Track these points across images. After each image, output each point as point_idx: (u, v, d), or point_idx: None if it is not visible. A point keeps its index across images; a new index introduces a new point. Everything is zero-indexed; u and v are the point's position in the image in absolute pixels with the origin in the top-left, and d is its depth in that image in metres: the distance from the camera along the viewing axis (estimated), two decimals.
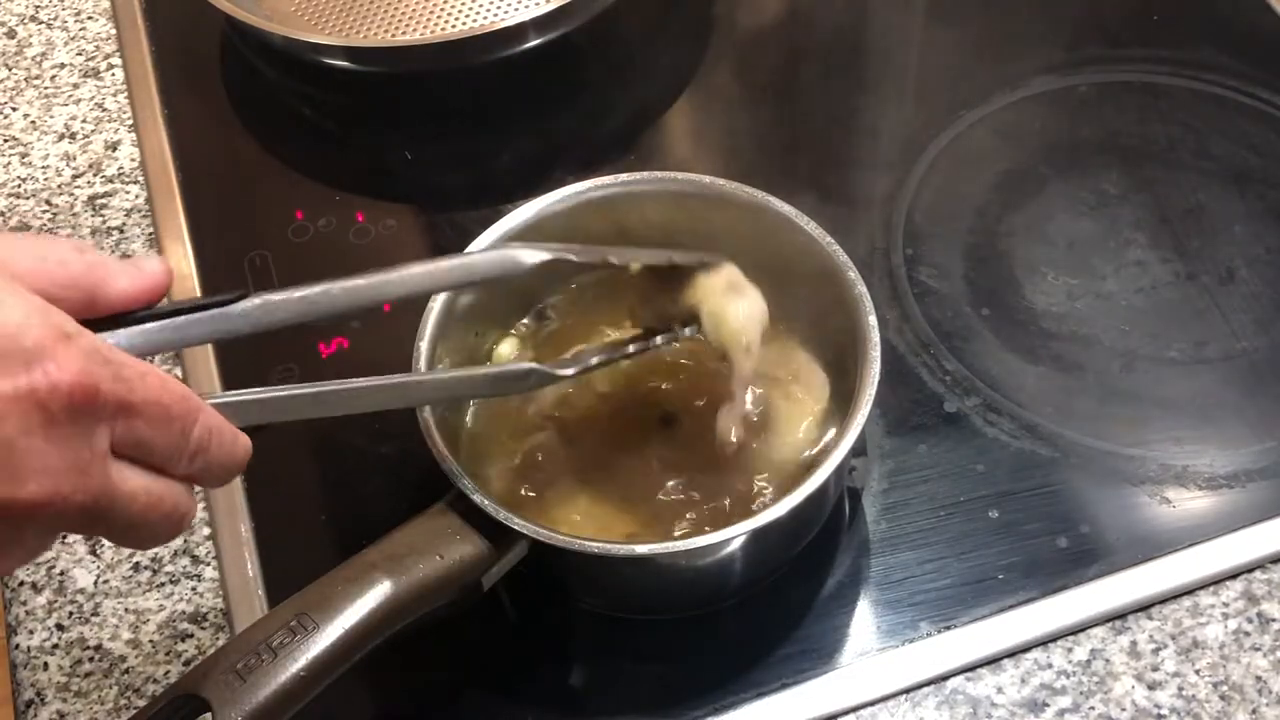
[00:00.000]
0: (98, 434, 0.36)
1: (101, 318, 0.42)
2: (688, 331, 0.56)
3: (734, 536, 0.50)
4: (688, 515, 0.55)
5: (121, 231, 0.75)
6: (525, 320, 0.62)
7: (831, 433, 0.57)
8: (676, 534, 0.55)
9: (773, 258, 0.59)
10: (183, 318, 0.44)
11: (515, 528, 0.49)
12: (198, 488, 0.42)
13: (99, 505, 0.37)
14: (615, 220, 0.61)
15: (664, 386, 0.60)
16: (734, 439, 0.56)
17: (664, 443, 0.58)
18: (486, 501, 0.50)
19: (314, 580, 0.47)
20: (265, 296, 0.45)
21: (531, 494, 0.56)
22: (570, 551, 0.50)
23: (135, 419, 0.37)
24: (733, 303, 0.55)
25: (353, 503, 0.62)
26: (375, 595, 0.46)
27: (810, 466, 0.54)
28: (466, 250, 0.54)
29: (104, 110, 0.82)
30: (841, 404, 0.57)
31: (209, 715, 0.43)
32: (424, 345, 0.55)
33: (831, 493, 0.57)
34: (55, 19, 0.88)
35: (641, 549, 0.50)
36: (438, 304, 0.56)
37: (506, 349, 0.61)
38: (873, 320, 0.54)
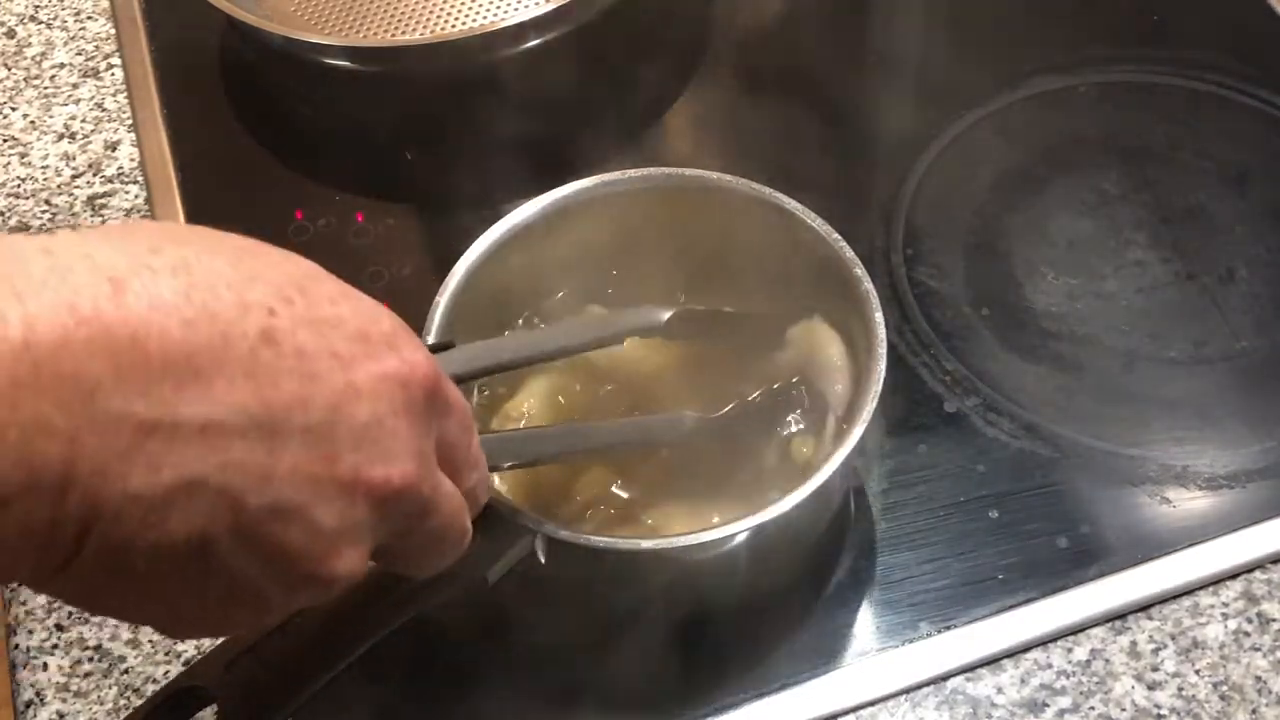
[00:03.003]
0: (433, 427, 0.37)
1: None
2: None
3: (738, 532, 0.50)
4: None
5: None
6: (519, 324, 0.62)
7: None
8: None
9: (777, 254, 0.59)
10: None
11: (520, 522, 0.49)
12: None
13: (433, 500, 0.37)
14: (618, 218, 0.61)
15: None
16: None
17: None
18: (492, 495, 0.50)
19: None
20: (466, 346, 0.51)
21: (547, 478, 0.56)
22: (575, 546, 0.50)
23: (452, 419, 0.38)
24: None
25: None
26: (377, 589, 0.46)
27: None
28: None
29: (103, 110, 0.82)
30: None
31: (211, 709, 0.43)
32: (429, 340, 0.55)
33: (837, 491, 0.57)
34: (55, 19, 0.88)
35: (647, 544, 0.50)
36: (440, 307, 0.56)
37: None
38: (879, 317, 0.54)
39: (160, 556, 0.31)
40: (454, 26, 0.82)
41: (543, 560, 0.52)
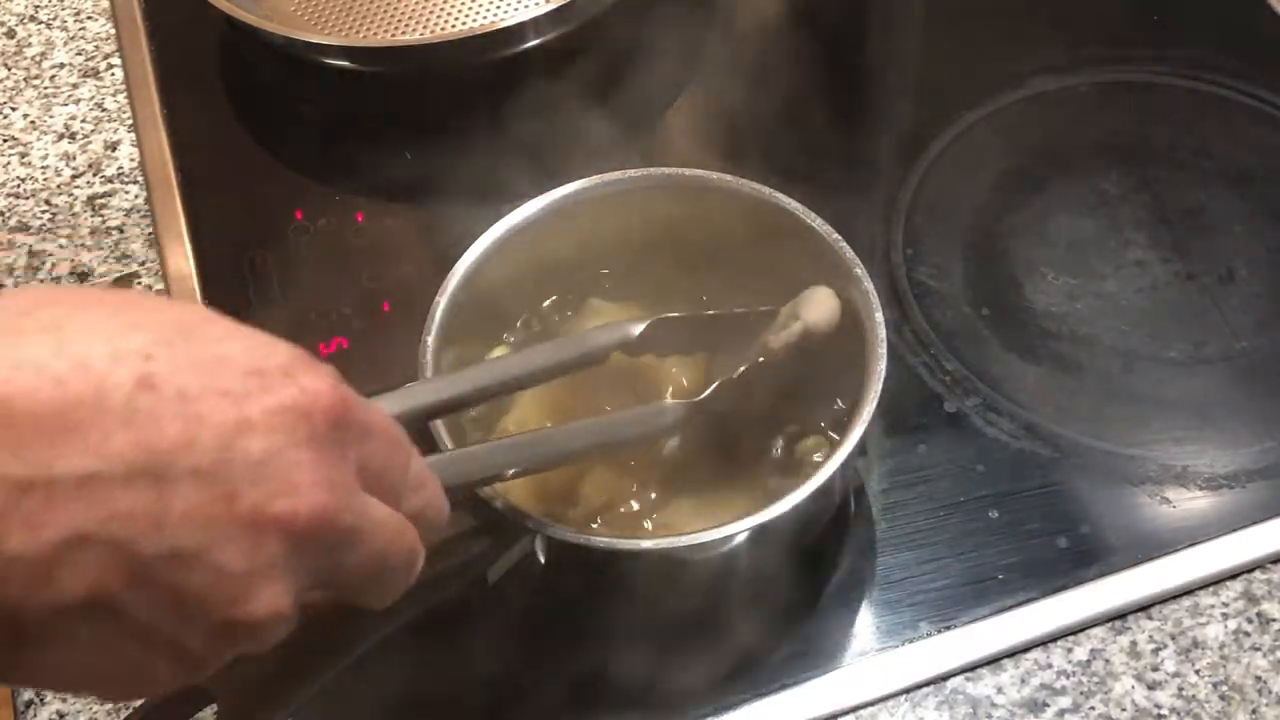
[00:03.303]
0: (348, 454, 0.35)
1: None
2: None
3: (738, 532, 0.50)
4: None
5: (121, 231, 0.75)
6: (518, 325, 0.62)
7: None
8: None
9: (777, 253, 0.59)
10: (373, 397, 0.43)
11: (520, 521, 0.49)
12: None
13: (358, 529, 0.35)
14: (618, 218, 0.61)
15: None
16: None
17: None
18: (492, 495, 0.50)
19: None
20: (424, 381, 0.53)
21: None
22: (575, 546, 0.50)
23: (373, 443, 0.36)
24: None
25: None
26: None
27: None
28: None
29: (103, 110, 0.82)
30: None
31: (211, 709, 0.43)
32: (430, 340, 0.55)
33: (837, 490, 0.57)
34: (55, 19, 0.88)
35: (646, 543, 0.50)
36: (440, 307, 0.56)
37: (498, 355, 0.61)
38: (879, 317, 0.54)
39: (57, 617, 0.30)
40: (454, 26, 0.82)
41: (543, 560, 0.52)
